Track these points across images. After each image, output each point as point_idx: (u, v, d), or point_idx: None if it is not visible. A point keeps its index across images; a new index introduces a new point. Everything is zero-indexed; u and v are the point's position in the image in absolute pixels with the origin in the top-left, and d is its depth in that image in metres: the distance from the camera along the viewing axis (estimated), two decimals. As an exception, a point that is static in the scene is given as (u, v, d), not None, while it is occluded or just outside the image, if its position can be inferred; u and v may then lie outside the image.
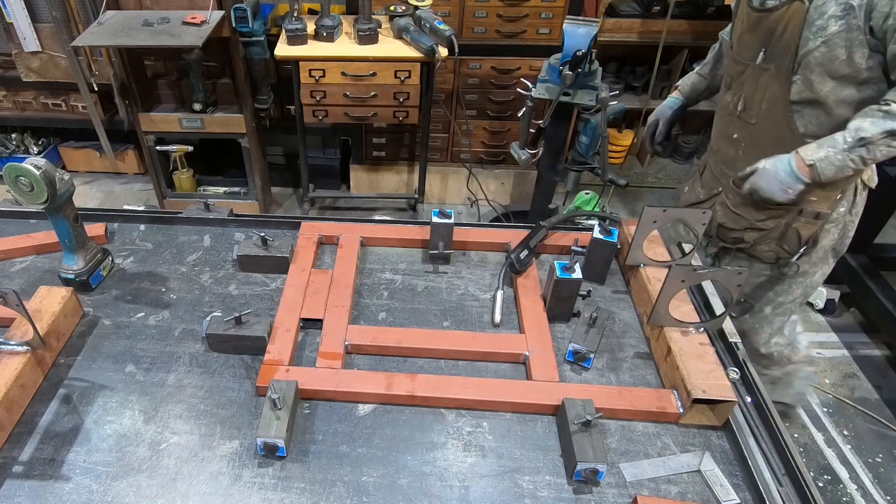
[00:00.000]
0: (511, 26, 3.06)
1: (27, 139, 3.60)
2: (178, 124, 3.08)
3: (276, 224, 1.58)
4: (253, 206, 3.45)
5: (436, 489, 1.01)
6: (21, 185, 1.14)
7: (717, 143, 1.87)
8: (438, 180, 3.66)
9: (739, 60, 1.68)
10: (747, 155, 1.74)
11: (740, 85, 1.70)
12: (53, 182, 1.15)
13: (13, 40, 3.04)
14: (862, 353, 2.89)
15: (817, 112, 1.56)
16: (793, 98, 1.57)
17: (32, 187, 1.14)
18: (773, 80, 1.59)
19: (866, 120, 1.44)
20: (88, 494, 0.98)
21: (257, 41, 2.83)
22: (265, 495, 0.99)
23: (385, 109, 2.86)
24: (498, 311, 1.33)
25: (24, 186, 1.14)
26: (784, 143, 1.62)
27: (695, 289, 1.39)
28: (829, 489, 2.29)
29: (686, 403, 1.09)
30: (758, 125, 1.68)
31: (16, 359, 1.09)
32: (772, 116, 1.64)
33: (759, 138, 1.70)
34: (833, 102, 1.53)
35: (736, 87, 1.73)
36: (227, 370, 1.20)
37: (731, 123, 1.77)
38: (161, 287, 1.39)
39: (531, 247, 1.41)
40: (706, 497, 1.01)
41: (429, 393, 1.13)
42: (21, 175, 1.12)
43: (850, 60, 1.45)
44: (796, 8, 1.48)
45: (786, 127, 1.62)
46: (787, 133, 1.62)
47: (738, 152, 1.77)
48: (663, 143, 2.16)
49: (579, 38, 2.17)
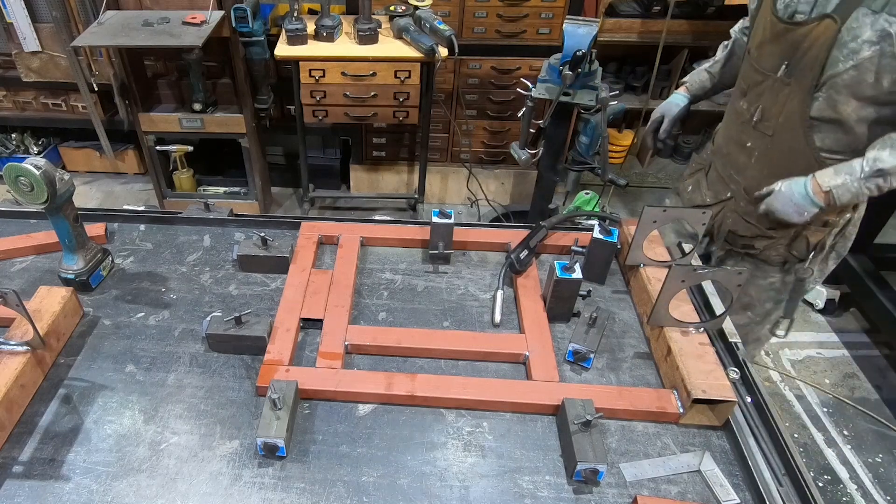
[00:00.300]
0: (511, 26, 3.06)
1: (27, 139, 3.61)
2: (178, 124, 3.08)
3: (276, 224, 1.58)
4: (253, 206, 3.45)
5: (436, 489, 1.01)
6: (21, 185, 1.14)
7: (728, 147, 1.84)
8: (438, 180, 3.66)
9: (759, 70, 1.64)
10: (759, 164, 1.72)
11: (758, 95, 1.66)
12: (53, 182, 1.15)
13: (13, 40, 3.04)
14: (862, 353, 2.89)
15: (835, 128, 1.54)
16: (813, 114, 1.54)
17: (32, 187, 1.14)
18: (794, 95, 1.55)
19: (885, 150, 1.43)
20: (88, 494, 0.98)
21: (257, 41, 2.83)
22: (265, 495, 0.99)
23: (385, 109, 2.86)
24: (498, 311, 1.33)
25: (24, 186, 1.14)
26: (798, 156, 1.61)
27: (695, 289, 1.39)
28: (829, 489, 2.29)
29: (686, 403, 1.09)
30: (774, 137, 1.65)
31: (16, 359, 1.09)
32: (789, 129, 1.61)
33: (774, 149, 1.67)
34: (853, 121, 1.51)
35: (752, 96, 1.68)
36: (227, 370, 1.20)
37: (744, 131, 1.74)
38: (161, 287, 1.39)
39: (531, 247, 1.41)
40: (706, 497, 1.01)
41: (429, 393, 1.13)
42: (21, 175, 1.12)
43: (878, 83, 1.42)
44: (827, 25, 1.44)
45: (802, 140, 1.60)
46: (803, 146, 1.60)
47: (749, 160, 1.75)
48: (666, 140, 2.14)
49: (579, 38, 2.17)
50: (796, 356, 2.88)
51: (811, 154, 1.59)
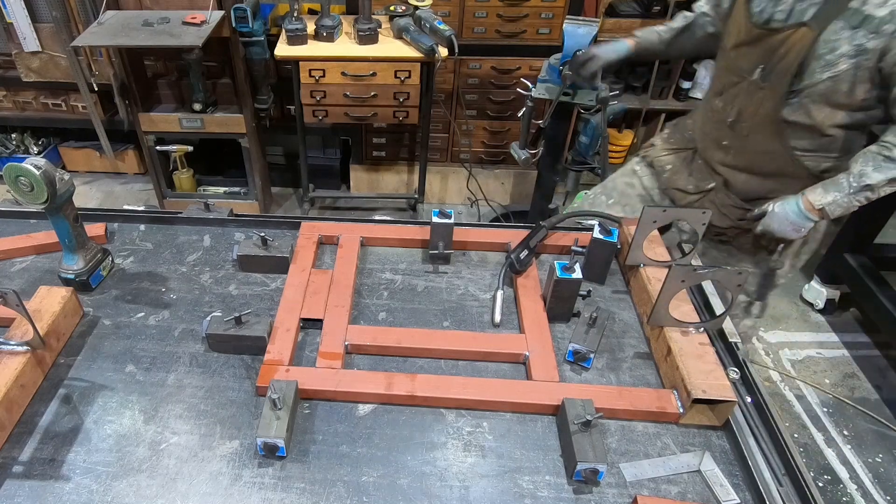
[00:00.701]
0: (511, 26, 3.06)
1: (27, 139, 3.60)
2: (178, 124, 3.07)
3: (276, 224, 1.58)
4: (253, 206, 3.45)
5: (436, 489, 1.01)
6: (21, 185, 1.14)
7: (703, 143, 1.88)
8: (438, 180, 3.66)
9: (734, 70, 1.68)
10: (735, 161, 1.77)
11: (733, 96, 1.70)
12: (53, 182, 1.15)
13: (13, 40, 3.04)
14: (862, 353, 2.89)
15: (809, 131, 1.60)
16: (786, 118, 1.59)
17: (32, 187, 1.14)
18: (768, 99, 1.60)
19: (869, 165, 1.48)
20: (88, 494, 0.98)
21: (257, 41, 2.83)
22: (265, 495, 0.99)
23: (385, 109, 2.86)
24: (498, 311, 1.33)
25: (24, 186, 1.14)
26: (774, 155, 1.66)
27: (695, 289, 1.39)
28: (829, 489, 2.29)
29: (686, 403, 1.09)
30: (749, 137, 1.70)
31: (16, 359, 1.09)
32: (764, 130, 1.66)
33: (750, 148, 1.71)
34: (826, 126, 1.56)
35: (728, 96, 1.72)
36: (227, 370, 1.20)
37: (720, 129, 1.78)
38: (161, 287, 1.39)
39: (531, 246, 1.41)
40: (706, 497, 1.01)
41: (429, 393, 1.13)
42: (21, 175, 1.12)
43: (851, 93, 1.47)
44: (804, 34, 1.46)
45: (777, 140, 1.65)
46: (777, 146, 1.65)
47: (726, 156, 1.79)
48: (587, 77, 2.11)
49: (579, 38, 2.17)
50: (796, 356, 2.88)
51: (786, 153, 1.64)
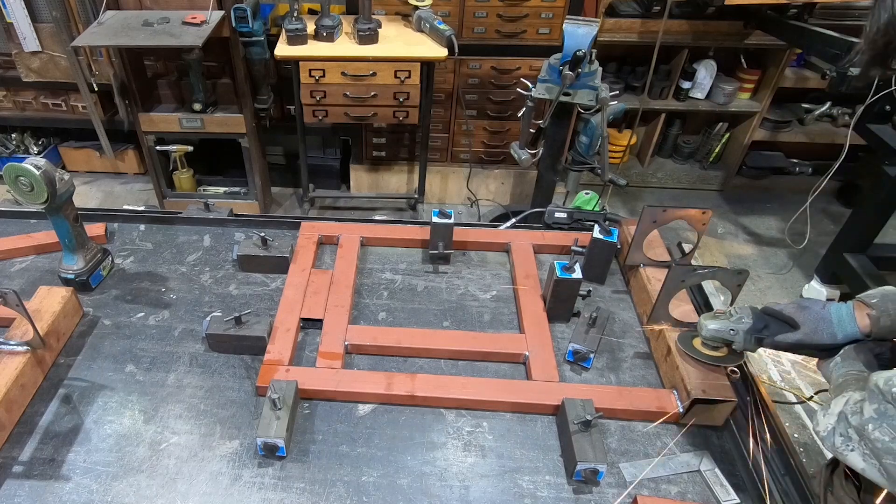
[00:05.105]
0: (511, 26, 3.06)
1: (27, 139, 3.60)
2: (178, 124, 3.07)
3: (276, 224, 1.58)
4: (253, 206, 3.44)
5: (436, 489, 1.01)
6: (21, 185, 1.14)
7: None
8: (438, 180, 3.66)
9: None
10: None
11: None
12: (53, 182, 1.15)
13: (13, 40, 3.04)
14: (862, 353, 2.88)
15: None
16: None
17: (32, 187, 1.14)
18: None
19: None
20: (88, 494, 0.98)
21: (257, 41, 2.83)
22: (265, 495, 0.99)
23: (385, 109, 2.86)
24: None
25: (24, 186, 1.14)
26: None
27: (695, 289, 1.39)
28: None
29: (686, 403, 1.09)
30: None
31: (16, 359, 1.09)
32: None
33: None
34: None
35: None
36: (227, 370, 1.20)
37: None
38: (161, 287, 1.39)
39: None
40: (706, 497, 1.01)
41: (429, 393, 1.13)
42: (21, 175, 1.12)
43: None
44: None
45: None
46: None
47: None
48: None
49: (579, 38, 2.17)
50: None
51: None
